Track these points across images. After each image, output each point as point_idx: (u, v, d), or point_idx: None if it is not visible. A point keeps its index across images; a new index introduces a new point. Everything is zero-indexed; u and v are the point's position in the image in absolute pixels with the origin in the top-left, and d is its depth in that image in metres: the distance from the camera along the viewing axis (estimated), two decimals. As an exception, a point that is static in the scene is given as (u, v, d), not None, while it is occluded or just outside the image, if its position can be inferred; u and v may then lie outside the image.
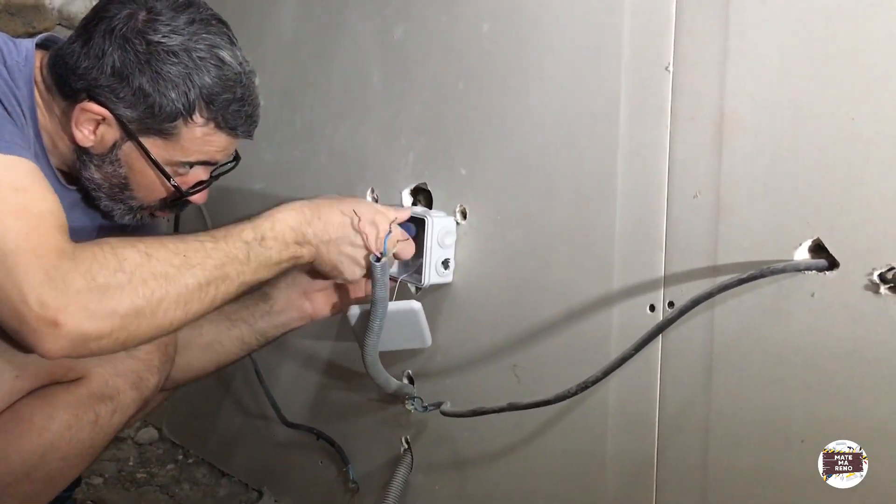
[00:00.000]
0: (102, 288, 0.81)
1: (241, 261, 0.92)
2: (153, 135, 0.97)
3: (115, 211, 1.04)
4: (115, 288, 0.82)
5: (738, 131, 0.83)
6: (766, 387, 0.83)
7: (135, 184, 1.01)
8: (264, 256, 0.95)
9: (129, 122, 0.96)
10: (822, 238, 0.78)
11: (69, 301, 0.79)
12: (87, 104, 0.95)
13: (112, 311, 0.81)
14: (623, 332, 0.94)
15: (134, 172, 1.00)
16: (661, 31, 0.88)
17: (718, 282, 0.82)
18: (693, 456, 0.89)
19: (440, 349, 1.17)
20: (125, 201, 1.03)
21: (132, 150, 0.98)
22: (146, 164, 0.99)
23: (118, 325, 0.82)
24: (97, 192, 1.02)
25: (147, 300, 0.84)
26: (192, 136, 0.98)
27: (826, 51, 0.77)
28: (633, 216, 0.93)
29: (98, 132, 0.97)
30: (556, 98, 1.00)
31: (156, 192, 1.02)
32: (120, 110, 0.95)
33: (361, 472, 1.32)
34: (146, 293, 0.84)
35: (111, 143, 0.98)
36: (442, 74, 1.13)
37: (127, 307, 0.82)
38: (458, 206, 1.12)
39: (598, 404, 0.97)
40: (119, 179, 1.00)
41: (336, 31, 1.30)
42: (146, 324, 0.84)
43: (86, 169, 1.00)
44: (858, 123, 0.75)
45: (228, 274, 0.91)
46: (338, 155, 1.32)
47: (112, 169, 0.99)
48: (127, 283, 0.83)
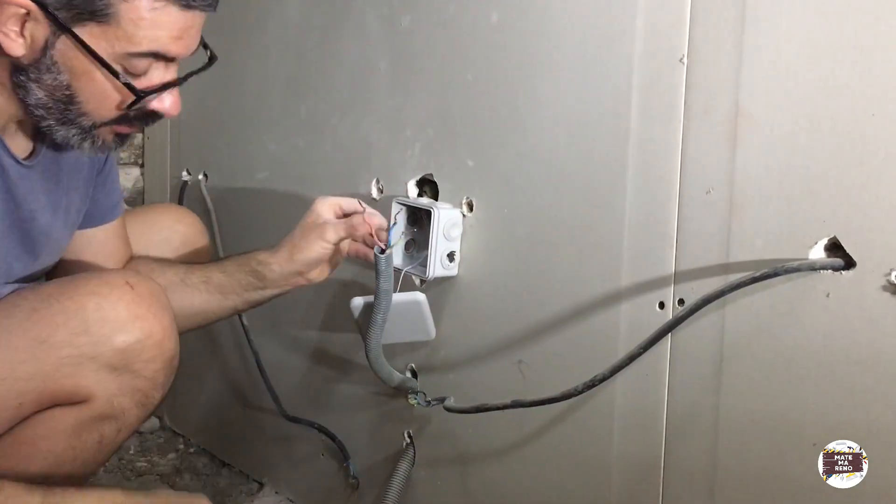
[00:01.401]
0: None
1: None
2: (86, 20, 0.82)
3: (71, 138, 0.90)
4: None
5: (752, 126, 0.81)
6: (778, 389, 0.81)
7: (81, 92, 0.87)
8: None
9: (57, 8, 0.81)
10: (838, 236, 0.76)
11: None
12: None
13: None
14: (631, 330, 0.92)
15: (76, 76, 0.85)
16: (676, 22, 0.86)
17: (730, 280, 0.81)
18: (701, 458, 0.87)
19: (444, 343, 1.15)
20: (75, 121, 0.89)
21: (68, 47, 0.84)
22: (88, 61, 0.84)
23: None
24: (47, 120, 0.89)
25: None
26: (136, 16, 0.83)
27: (844, 44, 0.75)
28: (643, 211, 0.91)
29: (26, 32, 0.83)
30: (566, 90, 0.97)
31: (108, 99, 0.88)
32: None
33: (363, 466, 1.31)
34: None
35: (42, 42, 0.83)
36: (450, 65, 1.11)
37: None
38: (465, 199, 1.10)
39: (604, 403, 0.96)
40: (62, 91, 0.86)
41: (342, 20, 1.28)
42: None
43: (28, 94, 0.87)
44: (878, 118, 0.73)
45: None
46: (343, 145, 1.30)
47: (51, 78, 0.85)
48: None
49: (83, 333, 0.91)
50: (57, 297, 0.93)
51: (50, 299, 0.93)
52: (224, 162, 1.58)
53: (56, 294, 0.93)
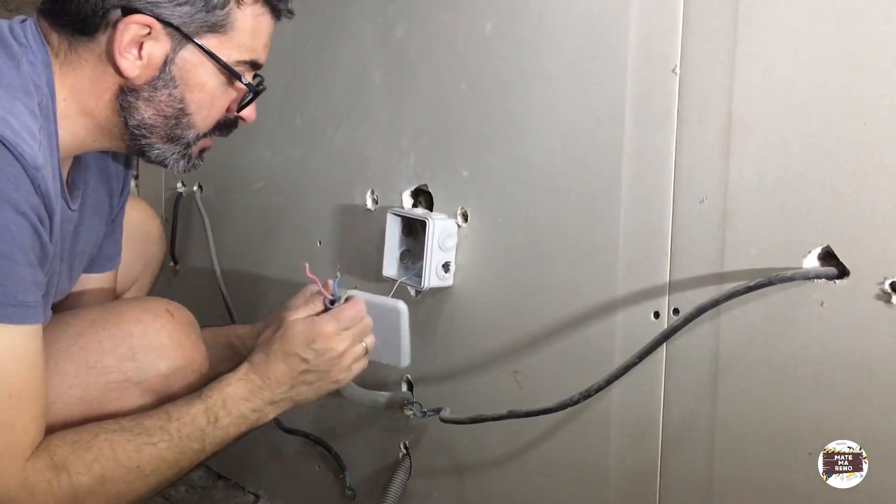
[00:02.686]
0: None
1: (196, 450, 0.90)
2: (206, 32, 0.86)
3: (169, 157, 0.93)
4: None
5: (746, 135, 0.81)
6: (773, 398, 0.81)
7: (193, 104, 0.90)
8: (221, 437, 0.92)
9: (181, 24, 0.85)
10: (832, 245, 0.76)
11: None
12: (129, 18, 0.83)
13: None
14: (627, 340, 0.92)
15: (191, 89, 0.89)
16: (669, 32, 0.86)
17: (725, 289, 0.81)
18: (697, 467, 0.87)
19: (440, 354, 1.15)
20: (182, 136, 0.91)
21: (186, 61, 0.87)
22: (206, 72, 0.88)
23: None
24: (149, 139, 0.90)
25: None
26: (245, 23, 0.88)
27: (837, 53, 0.75)
28: (637, 221, 0.91)
29: (144, 53, 0.85)
30: (560, 100, 0.98)
31: (214, 109, 0.92)
32: (167, 13, 0.84)
33: (359, 478, 1.31)
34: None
35: (161, 60, 0.86)
36: (444, 75, 1.12)
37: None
38: (460, 209, 1.10)
39: (600, 413, 0.95)
40: (175, 105, 0.89)
41: (337, 30, 1.28)
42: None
43: (133, 114, 0.88)
44: (870, 127, 0.73)
45: (184, 467, 0.90)
46: (338, 155, 1.30)
47: (167, 94, 0.88)
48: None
49: (130, 359, 0.94)
50: (102, 323, 0.96)
51: (95, 325, 0.96)
52: (219, 173, 1.58)
53: (101, 321, 0.96)
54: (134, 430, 0.87)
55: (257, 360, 0.95)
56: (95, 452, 0.84)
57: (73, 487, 0.82)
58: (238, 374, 0.94)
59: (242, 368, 0.94)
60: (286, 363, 0.94)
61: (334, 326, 0.95)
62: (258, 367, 0.94)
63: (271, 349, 0.95)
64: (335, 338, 0.95)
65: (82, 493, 0.82)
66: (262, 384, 0.94)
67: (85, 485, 0.83)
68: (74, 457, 0.83)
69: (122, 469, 0.85)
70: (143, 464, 0.86)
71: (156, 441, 0.87)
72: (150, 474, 0.87)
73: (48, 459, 0.82)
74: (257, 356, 0.95)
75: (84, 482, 0.83)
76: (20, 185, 0.76)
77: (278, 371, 0.94)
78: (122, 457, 0.85)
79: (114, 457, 0.85)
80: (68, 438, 0.84)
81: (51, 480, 0.81)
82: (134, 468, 0.85)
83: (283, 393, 0.95)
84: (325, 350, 0.94)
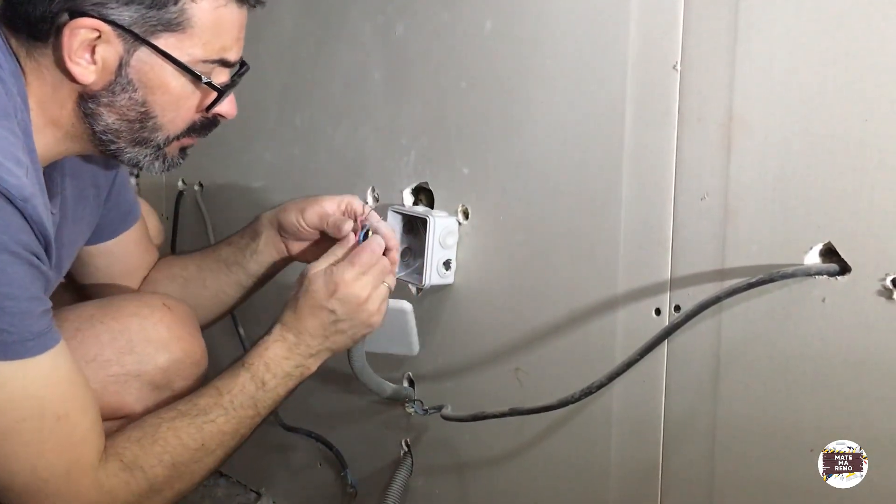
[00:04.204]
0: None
1: (252, 416, 0.93)
2: (161, 32, 0.82)
3: (141, 160, 0.90)
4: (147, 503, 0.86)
5: (746, 132, 0.81)
6: (775, 394, 0.81)
7: (157, 107, 0.86)
8: (272, 399, 0.94)
9: (131, 24, 0.81)
10: (833, 242, 0.76)
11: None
12: (75, 23, 0.79)
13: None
14: (628, 336, 0.92)
15: (152, 91, 0.85)
16: (669, 29, 0.86)
17: (726, 286, 0.81)
18: (699, 464, 0.87)
19: (441, 351, 1.15)
20: (150, 139, 0.88)
21: (143, 63, 0.83)
22: (166, 73, 0.84)
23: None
24: (117, 143, 0.88)
25: (175, 497, 0.89)
26: (204, 19, 0.83)
27: (837, 50, 0.75)
28: (638, 218, 0.91)
29: (97, 57, 0.82)
30: (560, 97, 0.98)
31: (182, 110, 0.88)
32: (114, 13, 0.80)
33: (360, 476, 1.31)
34: (174, 495, 0.88)
35: (116, 63, 0.82)
36: (444, 73, 1.12)
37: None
38: (460, 206, 1.10)
39: (601, 410, 0.95)
40: (137, 109, 0.85)
41: (337, 29, 1.28)
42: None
43: (97, 121, 0.85)
44: (871, 124, 0.73)
45: (244, 434, 0.93)
46: (338, 154, 1.30)
47: (126, 98, 0.84)
48: (157, 495, 0.87)
49: (129, 353, 0.95)
50: (100, 318, 0.97)
51: (92, 320, 0.96)
52: (220, 171, 1.58)
53: (98, 315, 0.97)
54: (191, 412, 0.89)
55: (287, 319, 0.95)
56: (162, 444, 0.87)
57: (150, 481, 0.85)
58: (273, 335, 0.95)
59: (276, 330, 0.95)
60: (316, 317, 0.94)
61: (352, 273, 0.93)
62: (290, 325, 0.95)
63: (298, 305, 0.95)
64: (355, 284, 0.93)
65: (159, 483, 0.86)
66: (297, 340, 0.95)
67: (160, 475, 0.86)
68: (143, 453, 0.85)
69: (190, 451, 0.88)
70: (206, 441, 0.89)
71: (213, 417, 0.90)
72: (217, 448, 0.90)
73: (118, 462, 0.84)
74: (287, 315, 0.96)
75: (159, 473, 0.85)
76: (9, 225, 0.75)
77: (310, 326, 0.94)
78: (187, 440, 0.88)
79: (179, 443, 0.87)
80: (133, 437, 0.87)
81: (128, 481, 0.84)
82: (200, 447, 0.88)
83: (320, 345, 0.95)
84: (348, 298, 0.93)
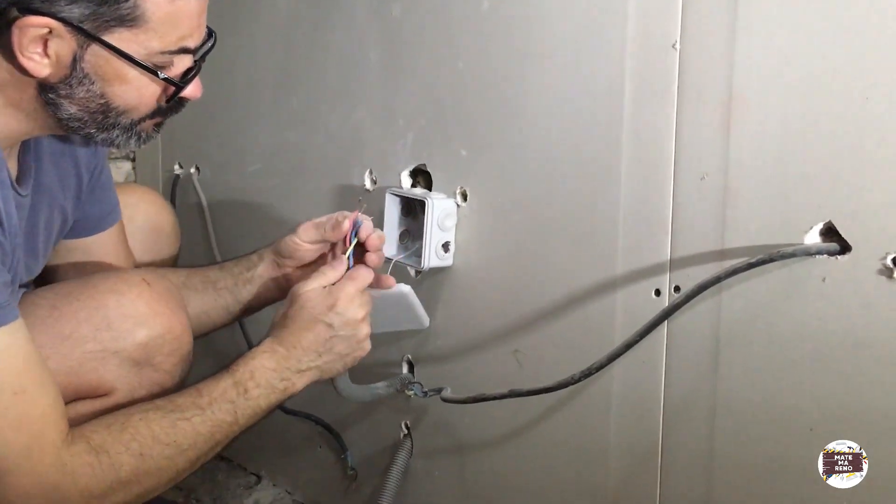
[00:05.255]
0: (99, 498, 0.83)
1: (229, 423, 0.91)
2: (114, 27, 0.80)
3: (115, 140, 0.90)
4: (112, 495, 0.84)
5: (746, 111, 0.81)
6: (774, 374, 0.81)
7: (116, 97, 0.86)
8: (252, 409, 0.92)
9: (81, 21, 0.79)
10: (833, 221, 0.76)
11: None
12: (23, 21, 0.78)
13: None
14: (627, 317, 0.92)
15: (110, 83, 0.84)
16: (668, 7, 0.85)
17: (726, 266, 0.80)
18: (698, 444, 0.87)
19: (440, 334, 1.15)
20: (117, 123, 0.88)
21: (97, 57, 0.82)
22: (123, 66, 0.83)
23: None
24: (86, 129, 0.88)
25: (142, 495, 0.87)
26: (159, 12, 0.81)
27: (838, 28, 0.74)
28: (637, 198, 0.90)
29: (50, 52, 0.81)
30: (558, 77, 0.97)
31: (144, 98, 0.87)
32: (64, 11, 0.78)
33: (360, 458, 1.31)
34: (141, 491, 0.86)
35: (70, 58, 0.81)
36: (441, 53, 1.11)
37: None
38: (459, 188, 1.10)
39: (601, 391, 0.96)
40: (97, 101, 0.85)
41: (332, 10, 1.27)
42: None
43: (59, 109, 0.85)
44: (872, 102, 0.73)
45: (219, 441, 0.91)
46: (335, 137, 1.29)
47: (83, 91, 0.84)
48: (123, 488, 0.85)
49: (106, 329, 0.93)
50: (77, 295, 0.95)
51: (69, 297, 0.95)
52: (216, 155, 1.57)
53: (75, 292, 0.95)
54: (166, 407, 0.88)
55: (279, 333, 0.95)
56: (132, 432, 0.85)
57: (115, 467, 0.83)
58: (263, 346, 0.94)
59: (266, 341, 0.95)
60: (311, 331, 0.94)
61: (353, 288, 0.94)
62: (282, 338, 0.94)
63: (292, 320, 0.95)
64: (355, 300, 0.94)
65: (124, 471, 0.84)
66: (288, 353, 0.94)
67: (126, 463, 0.84)
68: (112, 438, 0.84)
69: (160, 445, 0.86)
70: (179, 439, 0.87)
71: (189, 416, 0.88)
72: (188, 448, 0.88)
73: (86, 444, 0.83)
74: (278, 329, 0.95)
75: (125, 461, 0.84)
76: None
77: (304, 339, 0.94)
78: (159, 432, 0.86)
79: (150, 434, 0.86)
80: (103, 422, 0.86)
81: (92, 463, 0.82)
82: (172, 443, 0.86)
83: (311, 361, 0.95)
84: (347, 313, 0.94)
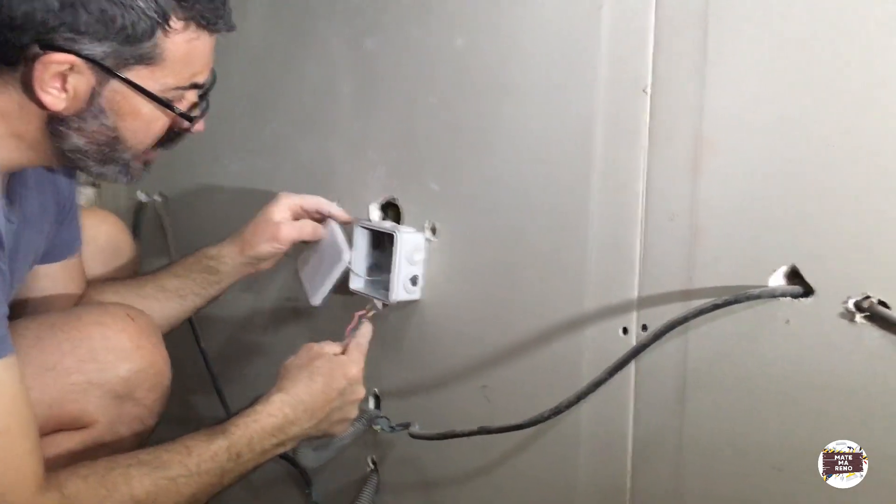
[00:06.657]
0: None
1: (213, 484, 0.88)
2: (134, 64, 0.83)
3: (109, 174, 0.91)
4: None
5: (715, 154, 0.82)
6: (741, 414, 0.82)
7: (128, 131, 0.87)
8: (240, 472, 0.91)
9: (104, 58, 0.81)
10: (797, 264, 0.77)
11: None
12: (46, 57, 0.79)
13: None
14: (595, 355, 0.92)
15: (123, 118, 0.86)
16: (639, 52, 0.87)
17: (693, 306, 0.82)
18: (667, 483, 0.88)
19: (408, 367, 1.14)
20: (117, 159, 0.89)
21: (116, 93, 0.84)
22: (139, 101, 0.85)
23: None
24: (85, 161, 0.88)
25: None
26: (177, 51, 0.84)
27: (804, 75, 0.77)
28: (607, 237, 0.91)
29: (69, 86, 0.81)
30: (530, 116, 0.98)
31: (152, 132, 0.89)
32: (87, 49, 0.80)
33: (325, 493, 1.29)
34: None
35: (88, 93, 0.83)
36: (414, 88, 1.11)
37: None
38: (428, 222, 1.10)
39: (569, 428, 0.96)
40: (108, 134, 0.86)
41: (305, 41, 1.27)
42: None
43: (65, 141, 0.86)
44: (836, 149, 0.75)
45: (199, 500, 0.88)
46: (305, 167, 1.29)
47: (97, 124, 0.85)
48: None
49: (90, 361, 0.94)
50: (61, 326, 0.95)
51: (54, 328, 0.95)
52: (182, 183, 1.55)
53: (59, 324, 0.96)
54: (151, 463, 0.84)
55: (293, 390, 0.93)
56: (109, 487, 0.81)
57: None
58: (270, 407, 0.92)
59: (276, 401, 0.92)
60: (324, 395, 0.95)
61: (362, 361, 0.98)
62: (295, 401, 0.93)
63: (311, 380, 0.95)
64: (360, 379, 0.98)
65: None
66: (294, 418, 0.92)
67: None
68: (87, 492, 0.80)
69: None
70: (158, 499, 0.83)
71: (173, 476, 0.85)
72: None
73: (59, 494, 0.79)
74: (291, 385, 0.94)
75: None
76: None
77: (316, 405, 0.94)
78: (138, 491, 0.82)
79: (129, 492, 0.82)
80: (81, 473, 0.82)
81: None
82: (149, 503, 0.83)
83: (311, 428, 0.94)
84: (355, 382, 0.97)
